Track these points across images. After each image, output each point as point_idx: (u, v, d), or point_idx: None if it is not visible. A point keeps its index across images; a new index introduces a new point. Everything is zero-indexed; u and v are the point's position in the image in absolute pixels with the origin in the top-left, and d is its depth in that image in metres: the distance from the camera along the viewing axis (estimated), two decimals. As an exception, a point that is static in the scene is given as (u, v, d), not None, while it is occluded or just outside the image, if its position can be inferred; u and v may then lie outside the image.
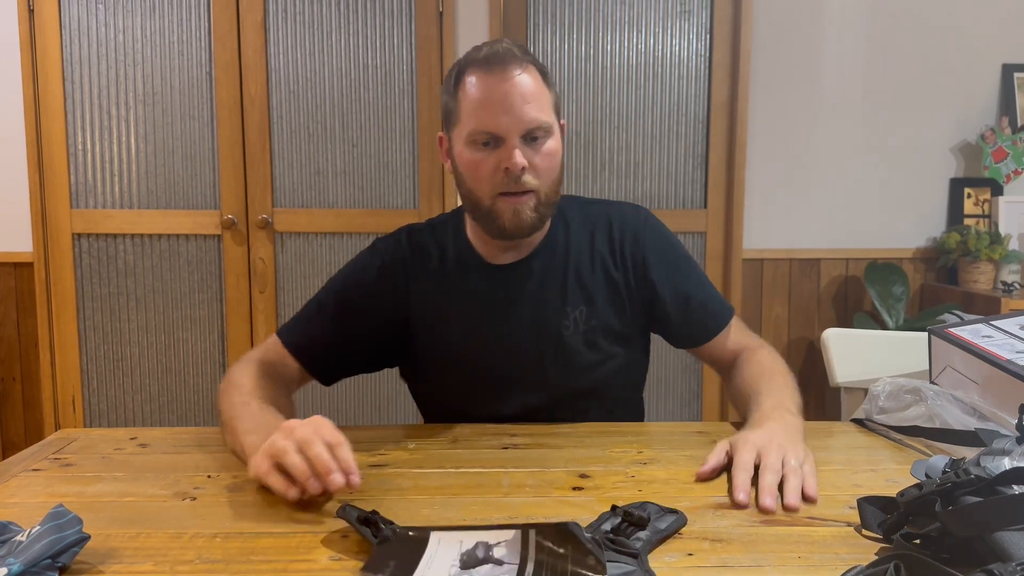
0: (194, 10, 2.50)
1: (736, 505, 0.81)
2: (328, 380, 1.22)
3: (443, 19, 2.53)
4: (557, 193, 1.14)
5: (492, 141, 1.07)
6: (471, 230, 1.20)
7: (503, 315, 1.16)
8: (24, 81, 2.47)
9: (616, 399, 1.24)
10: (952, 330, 1.11)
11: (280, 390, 1.12)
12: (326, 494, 0.81)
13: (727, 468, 0.90)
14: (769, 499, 0.80)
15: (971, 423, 0.98)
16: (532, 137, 1.07)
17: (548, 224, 1.19)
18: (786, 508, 0.80)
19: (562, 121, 1.15)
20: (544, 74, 1.10)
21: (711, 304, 1.23)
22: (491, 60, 1.06)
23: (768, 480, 0.83)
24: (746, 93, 2.61)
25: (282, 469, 0.81)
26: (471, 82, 1.07)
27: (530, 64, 1.08)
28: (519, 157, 1.05)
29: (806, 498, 0.82)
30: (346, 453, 0.81)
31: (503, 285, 1.17)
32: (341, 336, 1.19)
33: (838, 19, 2.67)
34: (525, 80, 1.06)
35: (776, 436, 0.91)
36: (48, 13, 2.46)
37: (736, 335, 1.23)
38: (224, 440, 1.02)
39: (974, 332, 1.09)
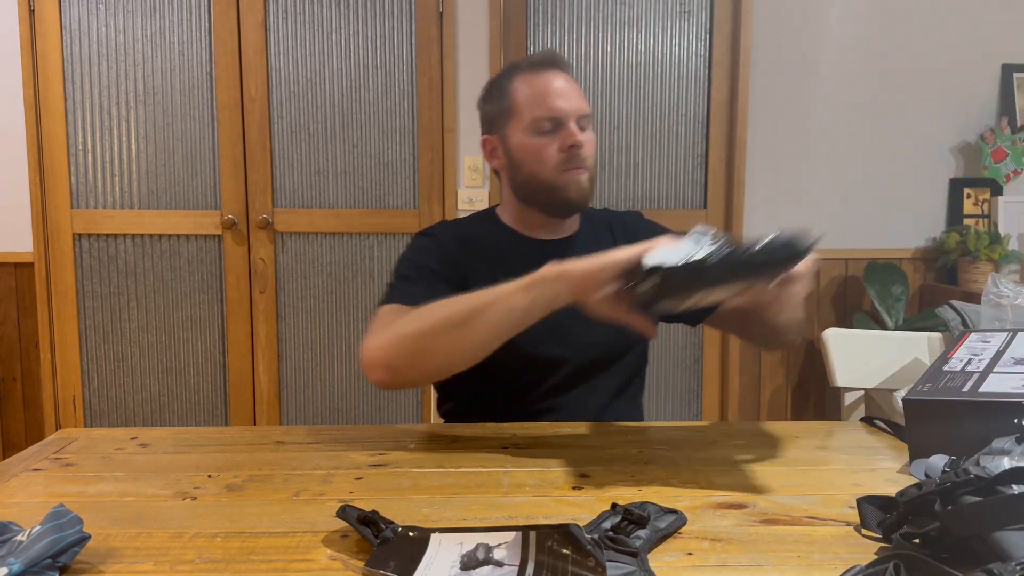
0: (194, 10, 2.50)
1: None
2: None
3: (443, 19, 2.53)
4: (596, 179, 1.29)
5: (555, 127, 1.20)
6: (511, 217, 1.31)
7: None
8: (24, 81, 2.47)
9: (630, 369, 1.31)
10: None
11: None
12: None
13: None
14: None
15: None
16: (580, 125, 1.21)
17: (576, 219, 1.32)
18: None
19: None
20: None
21: None
22: (543, 62, 1.24)
23: None
24: (746, 93, 2.61)
25: None
26: (527, 79, 1.23)
27: (568, 67, 1.27)
28: (580, 135, 1.20)
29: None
30: None
31: (556, 256, 1.18)
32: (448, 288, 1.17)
33: (838, 19, 2.67)
34: (569, 78, 1.24)
35: None
36: (48, 13, 2.46)
37: None
38: (443, 332, 1.02)
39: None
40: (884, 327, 2.55)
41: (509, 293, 1.00)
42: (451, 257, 1.25)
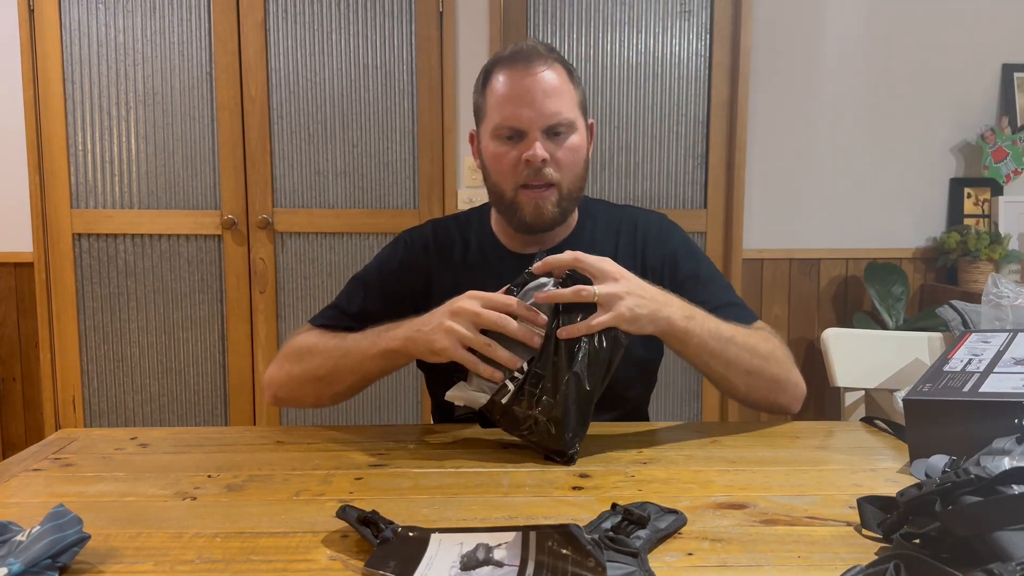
0: (194, 10, 2.50)
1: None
2: None
3: (443, 19, 2.53)
4: (581, 188, 1.18)
5: (515, 135, 1.10)
6: (496, 223, 1.23)
7: None
8: (24, 81, 2.47)
9: (627, 398, 1.23)
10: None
11: None
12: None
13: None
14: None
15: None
16: (555, 132, 1.10)
17: (574, 220, 1.23)
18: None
19: (590, 120, 1.18)
20: (570, 71, 1.14)
21: (728, 313, 1.15)
22: (516, 57, 1.11)
23: None
24: (746, 93, 2.61)
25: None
26: (497, 79, 1.11)
27: (555, 62, 1.12)
28: (539, 149, 1.08)
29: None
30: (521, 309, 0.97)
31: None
32: (368, 323, 1.18)
33: (838, 19, 2.67)
34: (548, 76, 1.10)
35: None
36: (48, 13, 2.46)
37: None
38: (321, 377, 1.12)
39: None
40: (884, 327, 2.55)
41: (365, 358, 1.07)
42: (412, 266, 1.22)
